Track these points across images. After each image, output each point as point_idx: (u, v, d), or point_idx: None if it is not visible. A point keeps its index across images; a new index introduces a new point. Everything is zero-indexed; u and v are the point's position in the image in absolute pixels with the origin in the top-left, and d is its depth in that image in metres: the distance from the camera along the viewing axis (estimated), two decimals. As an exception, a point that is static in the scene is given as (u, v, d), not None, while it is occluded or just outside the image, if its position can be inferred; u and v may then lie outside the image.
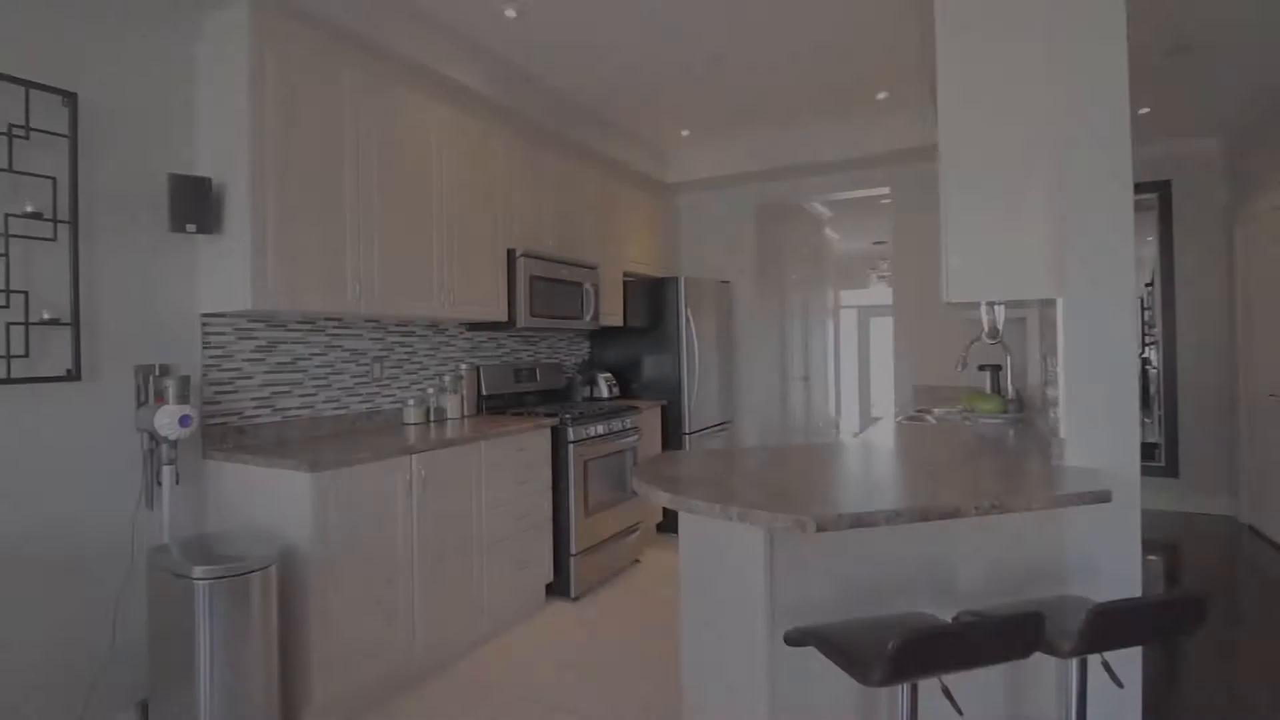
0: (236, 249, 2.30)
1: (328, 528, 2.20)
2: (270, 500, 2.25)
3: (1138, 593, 1.81)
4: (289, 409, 2.72)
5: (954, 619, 1.42)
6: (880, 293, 10.54)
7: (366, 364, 3.07)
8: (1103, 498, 1.54)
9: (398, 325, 3.24)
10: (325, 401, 2.87)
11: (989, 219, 2.04)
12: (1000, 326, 2.19)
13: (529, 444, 3.17)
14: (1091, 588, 1.82)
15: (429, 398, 3.30)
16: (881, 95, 3.99)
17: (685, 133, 4.63)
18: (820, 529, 1.33)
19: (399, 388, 3.24)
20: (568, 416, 3.37)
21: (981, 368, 4.04)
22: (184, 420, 2.17)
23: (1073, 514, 1.85)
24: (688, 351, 4.46)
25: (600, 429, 3.56)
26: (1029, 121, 1.97)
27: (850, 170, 4.78)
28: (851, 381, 10.71)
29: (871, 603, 1.72)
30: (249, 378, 2.59)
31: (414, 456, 2.52)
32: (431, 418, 3.29)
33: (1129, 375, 1.86)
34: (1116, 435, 1.85)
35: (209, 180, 2.29)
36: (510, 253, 3.49)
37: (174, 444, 2.23)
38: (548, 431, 3.32)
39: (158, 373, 2.28)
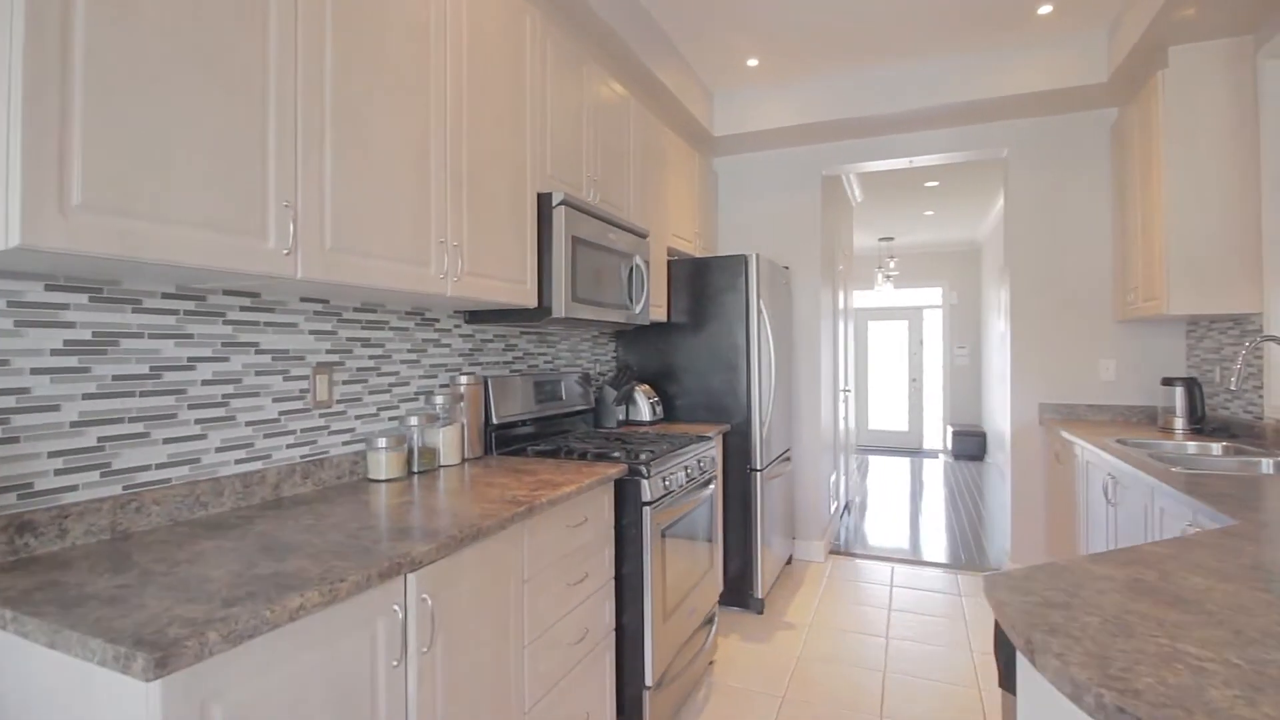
0: (-16, 102, 0.95)
1: (208, 800, 0.87)
2: (61, 721, 0.90)
3: None
4: (142, 469, 1.36)
5: None
6: (884, 295, 9.64)
7: (303, 376, 1.72)
8: None
9: (360, 309, 1.90)
10: (223, 449, 1.52)
11: None
12: None
13: (588, 510, 1.89)
14: None
15: (411, 432, 1.97)
16: (1044, 9, 2.89)
17: (752, 61, 3.43)
18: None
19: (359, 416, 1.90)
20: (640, 460, 2.10)
21: (1167, 381, 3.00)
22: None
23: None
24: (760, 358, 3.25)
25: (681, 476, 2.30)
26: None
27: (959, 123, 3.68)
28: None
29: None
30: (50, 408, 1.21)
31: (410, 576, 1.21)
32: (416, 467, 1.96)
33: None
34: None
35: (-91, -74, 0.93)
36: (543, 199, 2.19)
37: None
38: (610, 487, 2.04)
39: None
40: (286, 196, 1.30)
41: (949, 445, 8.59)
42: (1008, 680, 1.10)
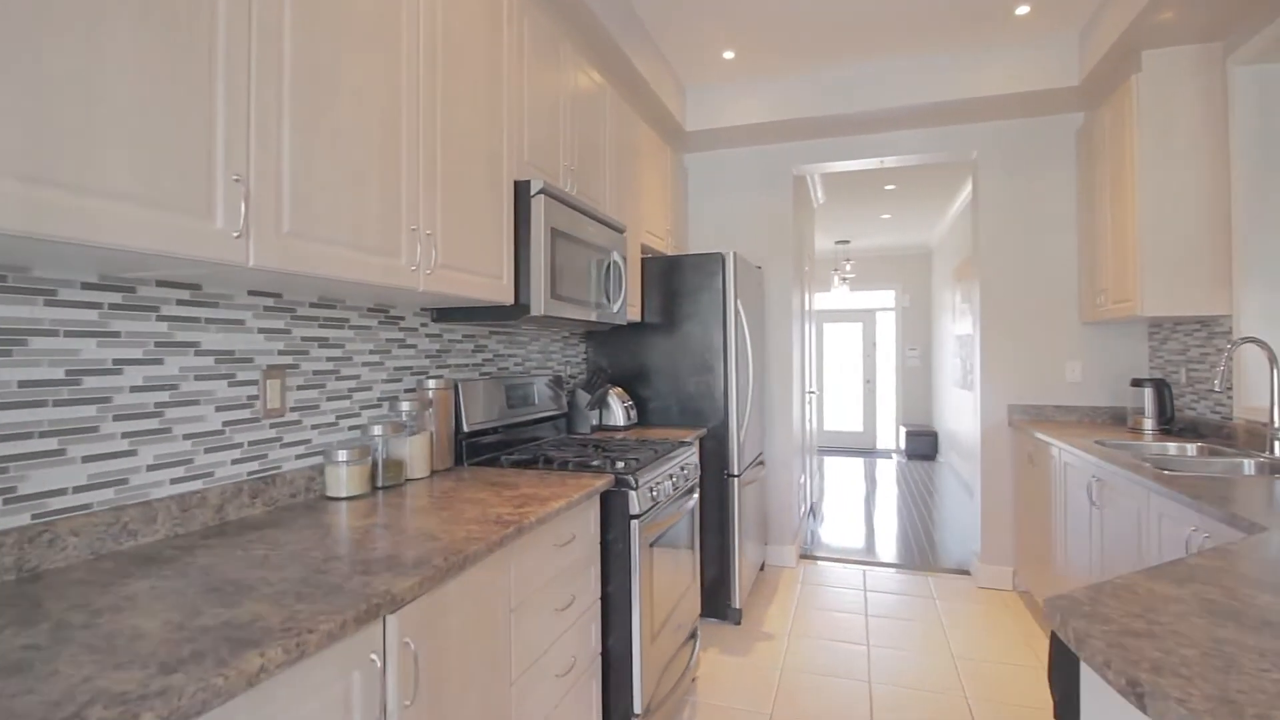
0: None
1: None
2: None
3: None
4: (56, 494, 1.13)
5: None
6: (840, 297, 9.76)
7: (252, 380, 1.51)
8: None
9: (317, 304, 1.69)
10: (156, 467, 1.30)
11: None
12: None
13: (575, 526, 1.73)
14: None
15: (375, 443, 1.77)
16: (1022, 10, 2.89)
17: (729, 54, 3.33)
18: None
19: (316, 426, 1.69)
20: (626, 469, 1.95)
21: (1137, 383, 3.03)
22: None
23: None
24: (737, 360, 3.15)
25: (668, 486, 2.17)
26: None
27: (932, 124, 3.67)
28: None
29: None
30: (-69, 423, 0.99)
31: (390, 618, 1.03)
32: (381, 481, 1.76)
33: None
34: None
35: None
36: (521, 188, 2.02)
37: None
38: (596, 501, 1.89)
39: None
40: (237, 169, 1.10)
41: (902, 445, 8.73)
42: (1066, 712, 1.01)
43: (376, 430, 1.76)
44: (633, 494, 1.91)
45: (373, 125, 1.43)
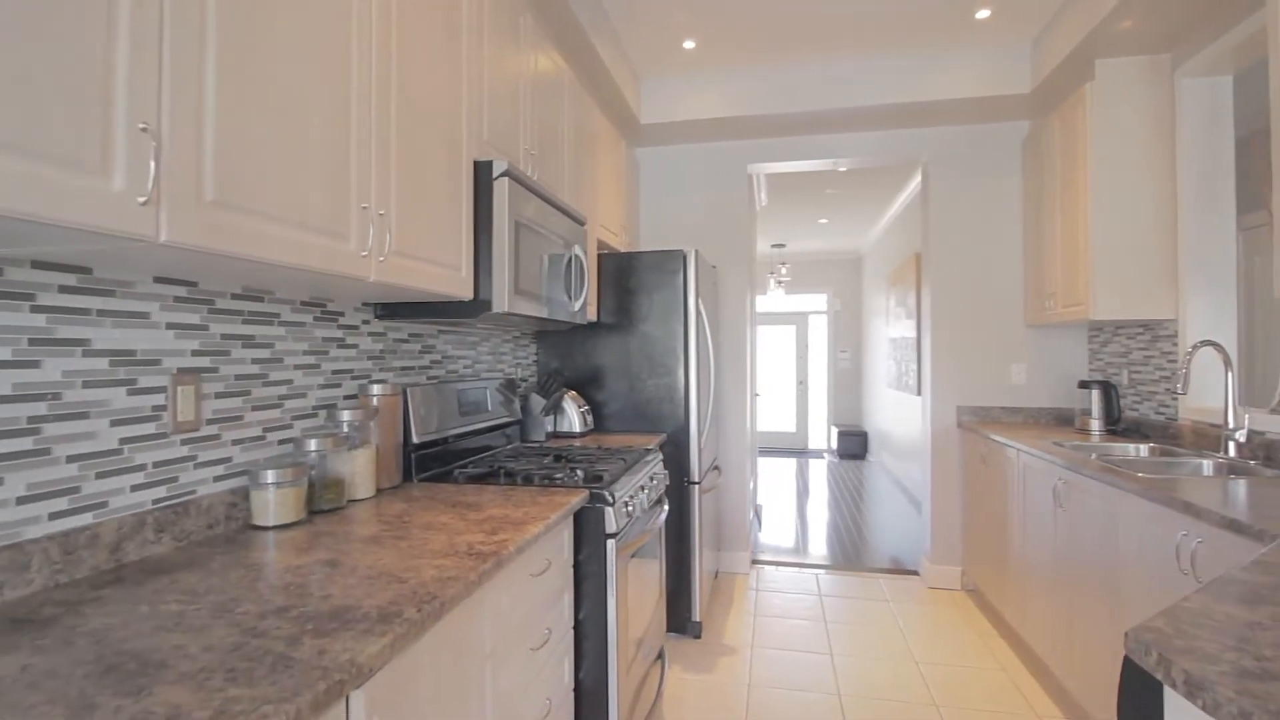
0: None
1: None
2: None
3: None
4: (-119, 542, 0.85)
5: None
6: (774, 300, 9.86)
7: (158, 387, 1.23)
8: None
9: (240, 295, 1.42)
10: (30, 498, 1.01)
11: None
12: None
13: (549, 551, 1.53)
14: None
15: (311, 459, 1.51)
16: (982, 14, 2.89)
17: (689, 44, 3.19)
18: None
19: (239, 441, 1.41)
20: (600, 483, 1.76)
21: (1084, 384, 3.10)
22: None
23: None
24: (698, 363, 3.01)
25: (643, 499, 1.99)
26: None
27: (886, 126, 3.65)
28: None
29: None
30: None
31: (354, 694, 0.81)
32: (319, 504, 1.50)
33: None
34: None
35: None
36: (482, 169, 1.80)
37: None
38: (571, 520, 1.69)
39: None
40: (145, 116, 0.85)
41: (834, 445, 8.90)
42: (1139, 757, 0.90)
43: (312, 444, 1.50)
44: (609, 510, 1.72)
45: (317, 78, 1.18)
